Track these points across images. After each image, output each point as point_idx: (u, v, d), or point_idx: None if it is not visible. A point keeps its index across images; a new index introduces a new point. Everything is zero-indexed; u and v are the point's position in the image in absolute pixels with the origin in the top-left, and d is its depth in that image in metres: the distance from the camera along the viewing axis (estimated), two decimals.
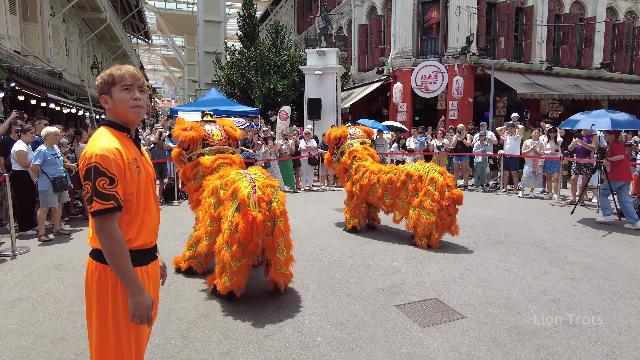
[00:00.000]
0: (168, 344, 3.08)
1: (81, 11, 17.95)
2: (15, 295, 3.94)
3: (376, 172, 5.89)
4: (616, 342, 3.10)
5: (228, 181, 3.76)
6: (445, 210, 5.28)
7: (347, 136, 6.44)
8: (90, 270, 1.70)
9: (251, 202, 3.46)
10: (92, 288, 1.68)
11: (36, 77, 10.66)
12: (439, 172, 5.47)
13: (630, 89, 17.68)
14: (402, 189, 5.62)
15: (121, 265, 1.60)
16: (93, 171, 1.57)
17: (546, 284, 4.23)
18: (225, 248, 3.46)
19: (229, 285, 3.50)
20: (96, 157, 1.58)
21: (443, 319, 3.46)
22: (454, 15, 15.36)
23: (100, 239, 1.60)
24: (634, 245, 5.65)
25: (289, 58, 18.36)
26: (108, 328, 1.67)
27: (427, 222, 5.29)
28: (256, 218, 3.39)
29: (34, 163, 5.79)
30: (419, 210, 5.39)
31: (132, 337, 1.70)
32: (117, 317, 1.66)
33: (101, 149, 1.59)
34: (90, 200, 1.57)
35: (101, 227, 1.59)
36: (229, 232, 3.45)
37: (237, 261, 3.45)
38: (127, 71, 1.71)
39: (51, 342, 3.08)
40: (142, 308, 1.65)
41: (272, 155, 10.25)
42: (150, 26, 33.01)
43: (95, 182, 1.56)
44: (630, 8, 18.85)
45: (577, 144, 8.54)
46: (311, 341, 3.11)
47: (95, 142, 1.64)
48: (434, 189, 5.30)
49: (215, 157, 4.33)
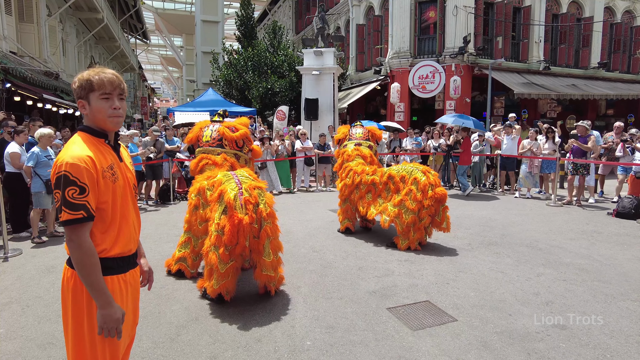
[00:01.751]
0: (157, 347, 3.06)
1: (78, 11, 17.92)
2: (5, 299, 3.92)
3: (359, 173, 5.93)
4: (607, 345, 3.08)
5: (215, 182, 3.74)
6: (427, 210, 5.22)
7: (347, 137, 6.56)
8: (66, 277, 1.67)
9: (237, 205, 3.44)
10: (67, 296, 1.66)
11: (32, 77, 10.62)
12: (422, 171, 5.43)
13: (627, 89, 17.68)
14: (384, 190, 5.68)
15: (90, 275, 1.57)
16: (63, 180, 1.53)
17: (539, 286, 4.21)
18: (213, 250, 3.44)
19: (216, 288, 3.49)
20: (66, 166, 1.54)
21: (434, 322, 3.44)
22: (451, 15, 15.34)
23: (70, 248, 1.57)
24: (629, 247, 5.63)
25: (287, 58, 18.34)
26: (84, 337, 1.64)
27: (406, 221, 5.26)
28: (242, 220, 3.37)
29: (27, 165, 5.76)
30: (398, 208, 5.35)
31: (106, 347, 1.67)
32: (92, 326, 1.63)
33: (72, 157, 1.55)
34: (59, 210, 1.55)
35: (71, 237, 1.56)
36: (215, 234, 3.43)
37: (225, 264, 3.43)
38: (106, 78, 1.64)
39: (39, 347, 3.06)
40: (111, 321, 1.61)
41: (269, 156, 10.22)
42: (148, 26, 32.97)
43: (65, 192, 1.53)
44: (627, 7, 18.85)
45: (573, 145, 8.53)
46: (300, 345, 3.09)
47: (68, 149, 1.60)
48: (416, 189, 5.27)
49: (199, 158, 4.34)
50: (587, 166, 8.42)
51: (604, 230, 6.53)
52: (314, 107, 13.67)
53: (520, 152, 9.56)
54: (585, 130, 8.46)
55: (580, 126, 8.53)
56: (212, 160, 4.30)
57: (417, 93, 16.06)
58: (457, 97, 15.43)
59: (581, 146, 8.33)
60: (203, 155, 4.36)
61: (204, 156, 4.34)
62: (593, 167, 8.85)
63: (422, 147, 11.19)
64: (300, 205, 8.72)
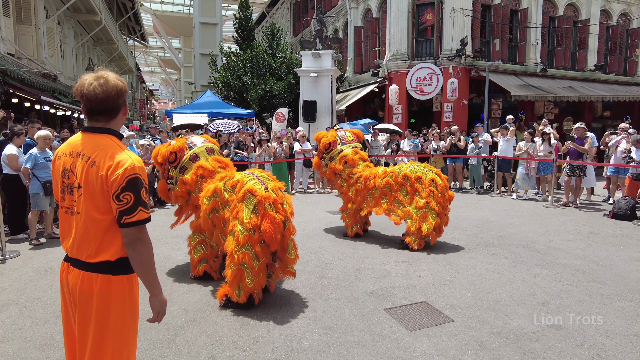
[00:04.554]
0: (155, 348, 3.07)
1: (76, 13, 17.91)
2: (3, 300, 3.92)
3: (370, 178, 5.83)
4: (602, 345, 3.11)
5: (234, 183, 3.76)
6: (444, 210, 5.51)
7: (337, 141, 6.29)
8: (119, 288, 1.74)
9: (267, 204, 3.52)
10: (105, 303, 1.70)
11: (30, 79, 10.63)
12: (436, 172, 5.62)
13: (624, 91, 17.75)
14: (399, 191, 5.60)
15: (153, 268, 1.75)
16: (138, 182, 1.66)
17: (536, 286, 4.24)
18: (243, 250, 3.45)
19: (251, 286, 3.51)
20: (139, 169, 1.67)
21: (431, 323, 3.46)
22: (448, 17, 15.41)
23: (139, 248, 1.69)
24: (625, 248, 5.67)
25: (285, 60, 18.37)
26: (128, 340, 1.77)
27: (434, 223, 5.37)
28: (276, 218, 3.48)
29: (25, 166, 5.77)
30: (424, 211, 5.37)
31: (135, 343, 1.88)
32: (135, 327, 1.82)
33: (138, 161, 1.70)
34: (131, 210, 1.63)
35: (141, 236, 1.69)
36: (246, 234, 3.44)
37: (259, 261, 3.51)
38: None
39: (37, 348, 3.06)
40: (165, 305, 1.84)
41: (267, 157, 10.24)
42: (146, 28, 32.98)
43: (141, 193, 1.66)
44: (623, 10, 18.96)
45: (570, 147, 8.58)
46: (298, 346, 3.10)
47: (124, 153, 1.70)
48: (436, 190, 5.40)
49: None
50: (583, 168, 8.47)
51: (600, 231, 6.57)
52: (312, 109, 13.71)
53: (517, 154, 9.60)
54: (583, 132, 8.52)
55: (579, 128, 8.61)
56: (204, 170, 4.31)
57: (415, 95, 16.11)
58: (454, 99, 15.49)
59: (578, 148, 8.38)
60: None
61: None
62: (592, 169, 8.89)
63: (420, 149, 11.22)
64: (298, 207, 8.72)
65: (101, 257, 1.68)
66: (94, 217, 1.66)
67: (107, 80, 1.69)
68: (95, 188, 1.64)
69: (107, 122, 1.75)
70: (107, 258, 1.68)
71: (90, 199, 1.66)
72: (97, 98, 1.67)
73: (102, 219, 1.66)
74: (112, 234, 1.69)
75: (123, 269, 1.72)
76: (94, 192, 1.65)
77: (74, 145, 1.75)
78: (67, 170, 1.73)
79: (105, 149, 1.67)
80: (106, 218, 1.67)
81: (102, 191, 1.64)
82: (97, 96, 1.67)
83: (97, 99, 1.67)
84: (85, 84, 1.68)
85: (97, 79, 1.68)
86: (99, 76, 1.69)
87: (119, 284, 1.71)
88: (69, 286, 1.74)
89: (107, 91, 1.68)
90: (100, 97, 1.67)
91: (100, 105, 1.69)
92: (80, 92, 1.69)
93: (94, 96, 1.67)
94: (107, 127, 1.75)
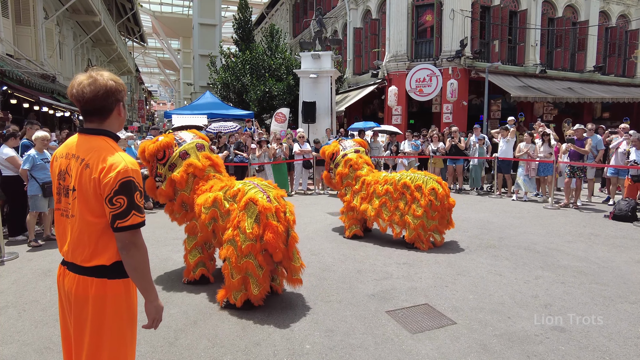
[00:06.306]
0: (155, 352, 3.04)
1: (75, 14, 17.90)
2: (1, 303, 3.88)
3: (372, 183, 5.92)
4: (606, 347, 3.09)
5: (235, 192, 3.73)
6: (443, 217, 5.67)
7: (339, 149, 6.49)
8: (115, 292, 1.70)
9: (269, 213, 3.50)
10: (101, 307, 1.67)
11: (29, 80, 10.60)
12: (437, 180, 5.73)
13: (623, 92, 17.79)
14: (400, 199, 5.68)
15: (148, 273, 1.70)
16: (132, 185, 1.61)
17: (538, 288, 4.22)
18: (247, 259, 3.47)
19: (256, 293, 3.55)
20: (132, 172, 1.61)
21: (433, 325, 3.44)
22: (448, 18, 15.42)
23: (133, 252, 1.64)
24: (626, 249, 5.65)
25: (284, 61, 18.36)
26: (126, 345, 1.72)
27: (429, 228, 5.59)
28: (279, 228, 3.47)
29: (23, 168, 5.72)
30: (421, 220, 5.52)
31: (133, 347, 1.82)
32: (133, 332, 1.75)
33: (132, 163, 1.63)
34: (124, 214, 1.58)
35: (135, 241, 1.64)
36: (249, 243, 3.44)
37: (262, 269, 3.52)
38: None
39: (35, 351, 3.03)
40: (161, 311, 1.78)
41: (266, 158, 10.22)
42: (145, 29, 32.95)
43: (134, 196, 1.61)
44: (622, 12, 19.01)
45: (570, 148, 8.57)
46: (300, 349, 3.08)
47: (118, 155, 1.64)
48: (435, 199, 5.49)
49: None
50: (584, 169, 8.46)
51: (601, 232, 6.55)
52: (311, 110, 13.69)
53: (517, 156, 9.59)
54: (583, 133, 8.53)
55: (579, 129, 8.61)
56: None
57: (414, 96, 16.11)
58: (453, 100, 15.50)
59: (577, 149, 8.37)
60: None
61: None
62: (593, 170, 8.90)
63: (420, 150, 11.21)
64: (298, 208, 8.64)
65: (96, 261, 1.64)
66: (88, 220, 1.62)
67: (96, 79, 1.65)
68: (88, 191, 1.60)
69: (101, 123, 1.71)
70: (103, 262, 1.64)
71: (84, 202, 1.62)
72: (84, 98, 1.63)
73: (96, 222, 1.62)
74: (107, 237, 1.65)
75: (119, 273, 1.68)
76: (88, 195, 1.61)
77: (70, 146, 1.72)
78: (63, 172, 1.70)
79: (98, 151, 1.63)
80: (100, 221, 1.63)
81: (96, 194, 1.60)
82: (84, 96, 1.63)
83: (84, 98, 1.63)
84: (75, 83, 1.65)
85: (87, 79, 1.65)
86: (89, 75, 1.66)
87: (115, 288, 1.67)
88: (65, 290, 1.71)
89: (95, 90, 1.63)
90: (87, 96, 1.63)
91: (89, 105, 1.66)
92: (70, 92, 1.66)
93: (81, 96, 1.63)
94: (102, 129, 1.71)
